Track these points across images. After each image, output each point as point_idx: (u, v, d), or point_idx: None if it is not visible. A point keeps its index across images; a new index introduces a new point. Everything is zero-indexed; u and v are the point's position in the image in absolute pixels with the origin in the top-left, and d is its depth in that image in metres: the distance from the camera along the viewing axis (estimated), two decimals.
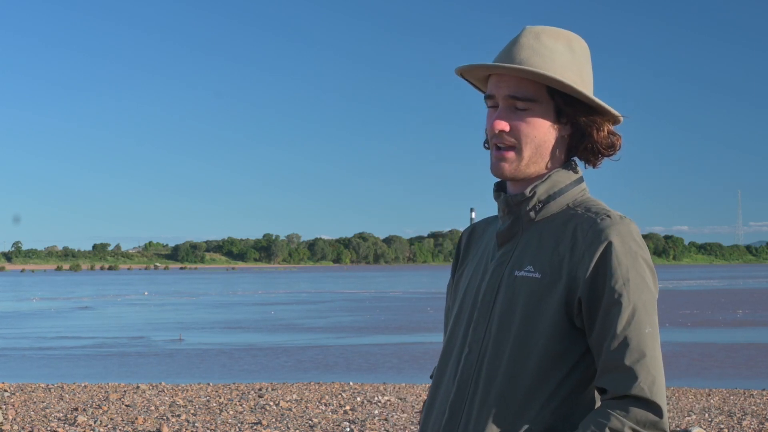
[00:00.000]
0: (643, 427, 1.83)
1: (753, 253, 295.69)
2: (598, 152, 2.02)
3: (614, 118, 2.02)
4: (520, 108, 1.98)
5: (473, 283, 2.08)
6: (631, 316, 1.87)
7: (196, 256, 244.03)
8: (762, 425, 10.19)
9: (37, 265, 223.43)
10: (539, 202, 2.00)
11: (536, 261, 1.96)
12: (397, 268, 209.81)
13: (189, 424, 10.11)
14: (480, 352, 1.98)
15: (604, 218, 1.93)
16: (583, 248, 1.91)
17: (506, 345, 1.94)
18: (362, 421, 10.37)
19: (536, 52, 1.97)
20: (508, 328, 1.95)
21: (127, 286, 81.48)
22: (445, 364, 2.07)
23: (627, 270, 1.88)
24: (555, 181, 2.01)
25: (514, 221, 2.03)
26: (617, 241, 1.90)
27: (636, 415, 1.83)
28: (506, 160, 1.99)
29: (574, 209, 1.99)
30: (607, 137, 2.01)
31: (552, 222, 1.99)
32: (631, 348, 1.85)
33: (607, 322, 1.87)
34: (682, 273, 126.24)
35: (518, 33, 2.01)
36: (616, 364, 1.86)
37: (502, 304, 1.98)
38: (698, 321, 29.73)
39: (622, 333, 1.86)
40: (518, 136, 1.98)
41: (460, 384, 2.00)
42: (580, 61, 2.01)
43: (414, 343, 22.61)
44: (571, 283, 1.91)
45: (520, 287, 1.96)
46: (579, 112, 1.99)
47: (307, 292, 60.29)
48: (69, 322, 32.23)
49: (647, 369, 1.85)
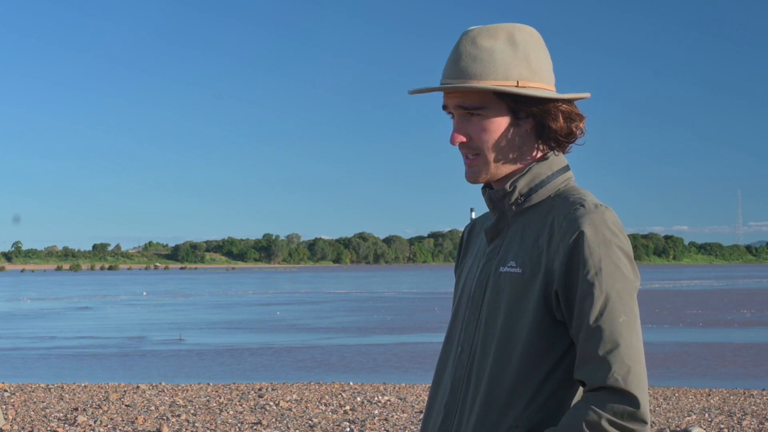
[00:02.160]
0: (621, 419, 1.80)
1: (753, 253, 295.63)
2: (559, 141, 2.01)
3: (568, 102, 1.99)
4: (474, 115, 1.98)
5: (469, 282, 2.08)
6: (604, 306, 1.84)
7: (196, 256, 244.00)
8: (762, 425, 10.19)
9: (37, 265, 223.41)
10: (521, 196, 1.99)
11: (518, 256, 1.96)
12: (397, 268, 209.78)
13: (189, 424, 10.11)
14: (471, 351, 1.98)
15: (578, 208, 1.91)
16: (558, 239, 1.90)
17: (491, 343, 1.94)
18: (362, 421, 10.37)
19: (475, 59, 1.96)
20: (494, 326, 1.95)
21: (127, 286, 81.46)
22: (443, 364, 2.07)
23: (599, 259, 1.86)
24: (536, 173, 2.00)
25: (499, 217, 2.03)
26: (589, 230, 1.88)
27: (612, 406, 1.80)
28: (475, 166, 2.00)
29: (555, 199, 1.98)
30: (564, 126, 1.99)
31: (534, 214, 1.99)
32: (604, 339, 1.83)
33: (582, 314, 1.86)
34: (682, 273, 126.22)
35: (456, 42, 2.00)
36: (590, 355, 1.83)
37: (488, 302, 1.98)
38: (699, 321, 29.73)
39: (594, 323, 1.84)
40: (478, 144, 1.98)
41: (453, 384, 2.00)
42: (525, 52, 1.99)
43: (414, 343, 22.62)
44: (548, 276, 1.90)
45: (504, 283, 1.96)
46: (531, 105, 1.97)
47: (307, 293, 60.28)
48: (68, 322, 32.24)
49: (621, 359, 1.82)
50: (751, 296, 49.18)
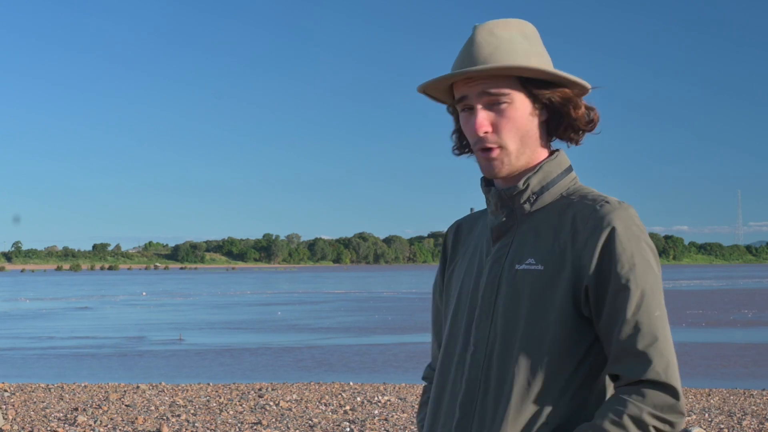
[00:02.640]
0: (661, 411, 1.82)
1: (753, 253, 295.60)
2: (578, 129, 2.02)
3: (585, 91, 2.01)
4: (498, 103, 1.96)
5: (468, 281, 2.05)
6: (640, 301, 1.87)
7: (196, 256, 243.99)
8: (762, 425, 10.19)
9: (37, 265, 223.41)
10: (533, 194, 1.99)
11: (536, 253, 1.95)
12: (397, 268, 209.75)
13: (189, 424, 10.11)
14: (487, 350, 1.96)
15: (604, 204, 1.93)
16: (585, 236, 1.91)
17: (514, 340, 1.93)
18: (362, 421, 10.37)
19: (497, 47, 1.96)
20: (515, 323, 1.93)
21: (126, 286, 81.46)
22: (447, 365, 2.04)
23: (632, 255, 1.88)
24: (547, 172, 2.00)
25: (508, 215, 2.01)
26: (620, 226, 1.90)
27: (653, 399, 1.82)
28: (496, 159, 1.98)
29: (568, 198, 1.99)
30: (585, 113, 2.01)
31: (547, 212, 1.99)
32: (642, 332, 1.86)
33: (617, 308, 1.87)
34: (683, 273, 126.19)
35: (471, 33, 1.99)
36: (629, 349, 1.85)
37: (505, 300, 1.96)
38: (699, 321, 29.72)
39: (632, 318, 1.86)
40: (501, 134, 1.97)
41: (468, 384, 1.97)
42: (536, 44, 2.01)
43: (414, 343, 22.60)
44: (577, 272, 1.90)
45: (522, 281, 1.95)
46: (553, 95, 1.98)
47: (307, 293, 60.27)
48: (68, 322, 32.23)
49: (660, 352, 1.85)
50: (752, 296, 49.17)
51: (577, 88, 2.00)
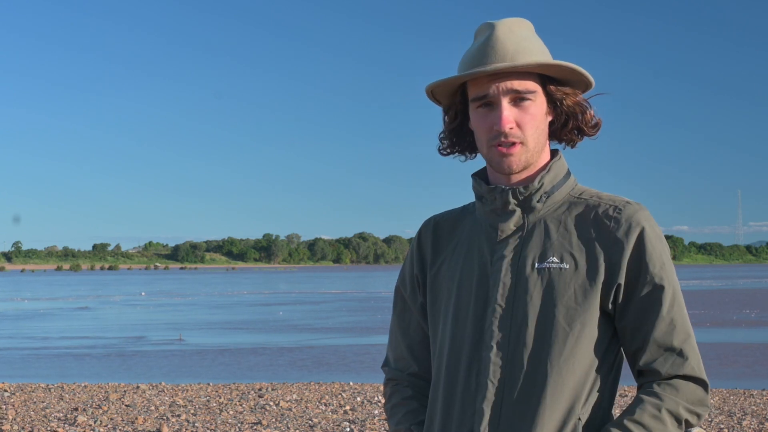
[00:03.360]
0: (693, 405, 1.90)
1: (753, 253, 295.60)
2: (584, 132, 2.06)
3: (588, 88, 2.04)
4: (523, 101, 1.97)
5: (469, 281, 2.02)
6: (673, 298, 1.93)
7: (196, 256, 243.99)
8: (762, 425, 10.19)
9: (37, 265, 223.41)
10: (545, 193, 2.00)
11: (559, 251, 1.96)
12: (397, 268, 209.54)
13: (189, 424, 10.11)
14: (510, 349, 1.94)
15: (626, 205, 1.98)
16: (614, 235, 1.94)
17: (548, 339, 1.92)
18: (362, 421, 10.37)
19: (519, 44, 1.96)
20: (546, 322, 1.93)
21: (126, 286, 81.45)
22: (456, 364, 2.00)
23: (661, 254, 1.95)
24: (557, 172, 2.02)
25: (518, 213, 2.01)
26: (647, 226, 1.95)
27: (687, 393, 1.90)
28: (514, 154, 1.97)
29: (579, 198, 2.02)
30: (593, 117, 2.04)
31: (558, 211, 2.00)
32: (677, 329, 1.92)
33: (651, 306, 1.92)
34: (683, 273, 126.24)
35: (490, 31, 1.97)
36: (666, 345, 1.91)
37: (531, 299, 1.95)
38: (699, 321, 29.72)
39: (668, 315, 1.92)
40: (525, 130, 1.97)
41: (491, 383, 1.95)
42: (541, 42, 2.04)
43: None
44: (609, 270, 1.93)
45: (548, 279, 1.95)
46: (567, 96, 2.01)
47: (306, 293, 60.26)
48: (68, 322, 32.23)
49: (693, 348, 1.94)
50: (752, 296, 49.16)
51: (583, 88, 2.03)
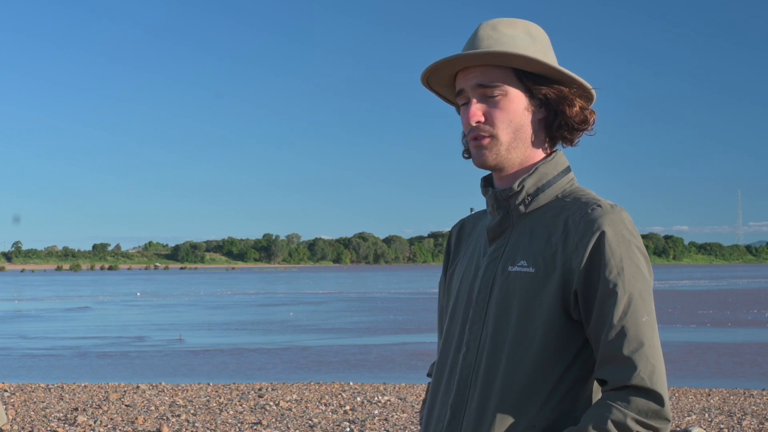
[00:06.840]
0: (645, 417, 1.81)
1: (753, 253, 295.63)
2: (572, 128, 2.00)
3: (587, 93, 2.01)
4: (492, 96, 1.96)
5: (466, 281, 2.05)
6: (627, 306, 1.85)
7: (196, 256, 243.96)
8: (762, 425, 10.19)
9: (37, 265, 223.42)
10: (528, 196, 1.98)
11: (529, 255, 1.94)
12: (397, 268, 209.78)
13: (189, 424, 10.11)
14: (478, 351, 1.96)
15: (595, 208, 1.91)
16: (575, 239, 1.89)
17: (504, 342, 1.92)
18: (362, 421, 10.37)
19: (497, 40, 1.96)
20: (505, 325, 1.93)
21: (127, 286, 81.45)
22: (443, 365, 2.04)
23: (621, 259, 1.87)
24: (542, 174, 1.99)
25: (504, 216, 2.01)
26: (610, 230, 1.88)
27: (637, 405, 1.81)
28: (486, 148, 1.97)
29: (563, 200, 1.98)
30: (580, 112, 1.99)
31: (542, 214, 1.98)
32: (628, 338, 1.83)
33: (604, 313, 1.85)
34: (683, 273, 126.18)
35: (475, 29, 2.00)
36: (615, 354, 1.84)
37: (497, 301, 1.95)
38: (699, 321, 29.72)
39: (619, 323, 1.84)
40: (494, 124, 1.96)
41: (460, 384, 1.97)
42: (542, 44, 2.00)
43: (414, 343, 22.61)
44: (566, 276, 1.89)
45: (514, 283, 1.94)
46: (549, 91, 1.97)
47: (306, 293, 60.27)
48: (68, 322, 32.23)
49: (646, 358, 1.83)
50: (752, 296, 49.16)
51: (576, 87, 1.99)
